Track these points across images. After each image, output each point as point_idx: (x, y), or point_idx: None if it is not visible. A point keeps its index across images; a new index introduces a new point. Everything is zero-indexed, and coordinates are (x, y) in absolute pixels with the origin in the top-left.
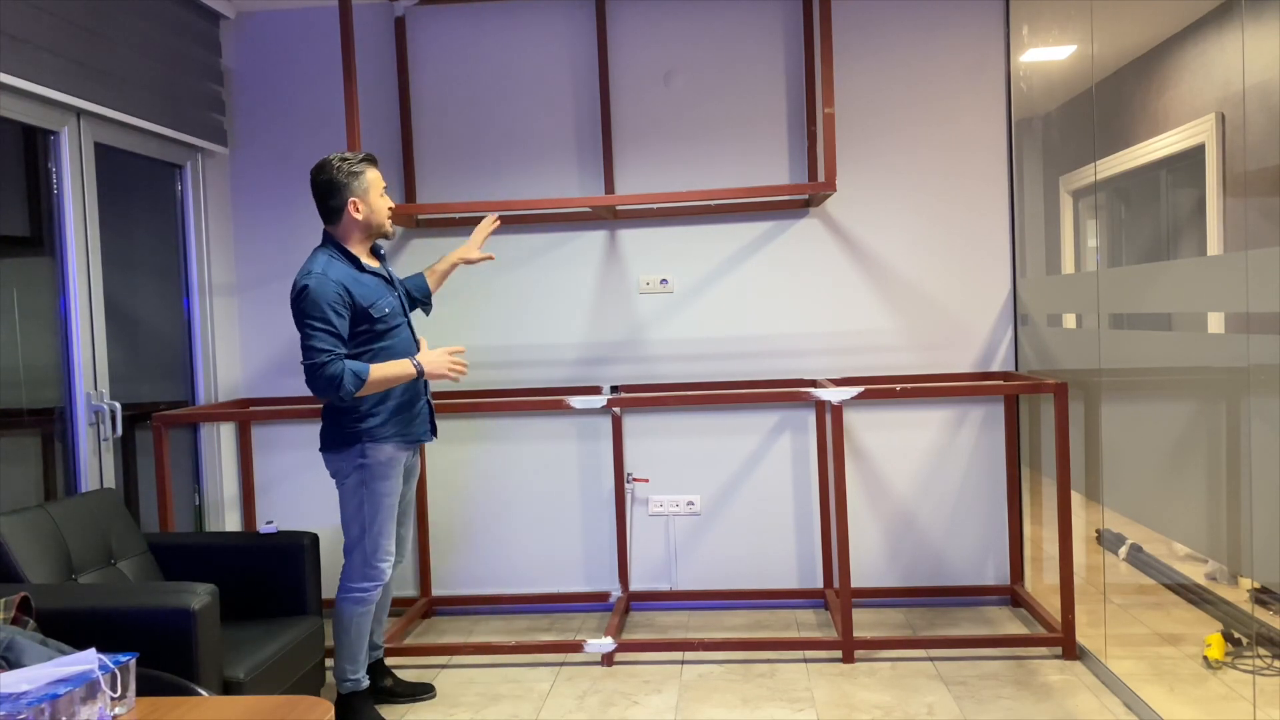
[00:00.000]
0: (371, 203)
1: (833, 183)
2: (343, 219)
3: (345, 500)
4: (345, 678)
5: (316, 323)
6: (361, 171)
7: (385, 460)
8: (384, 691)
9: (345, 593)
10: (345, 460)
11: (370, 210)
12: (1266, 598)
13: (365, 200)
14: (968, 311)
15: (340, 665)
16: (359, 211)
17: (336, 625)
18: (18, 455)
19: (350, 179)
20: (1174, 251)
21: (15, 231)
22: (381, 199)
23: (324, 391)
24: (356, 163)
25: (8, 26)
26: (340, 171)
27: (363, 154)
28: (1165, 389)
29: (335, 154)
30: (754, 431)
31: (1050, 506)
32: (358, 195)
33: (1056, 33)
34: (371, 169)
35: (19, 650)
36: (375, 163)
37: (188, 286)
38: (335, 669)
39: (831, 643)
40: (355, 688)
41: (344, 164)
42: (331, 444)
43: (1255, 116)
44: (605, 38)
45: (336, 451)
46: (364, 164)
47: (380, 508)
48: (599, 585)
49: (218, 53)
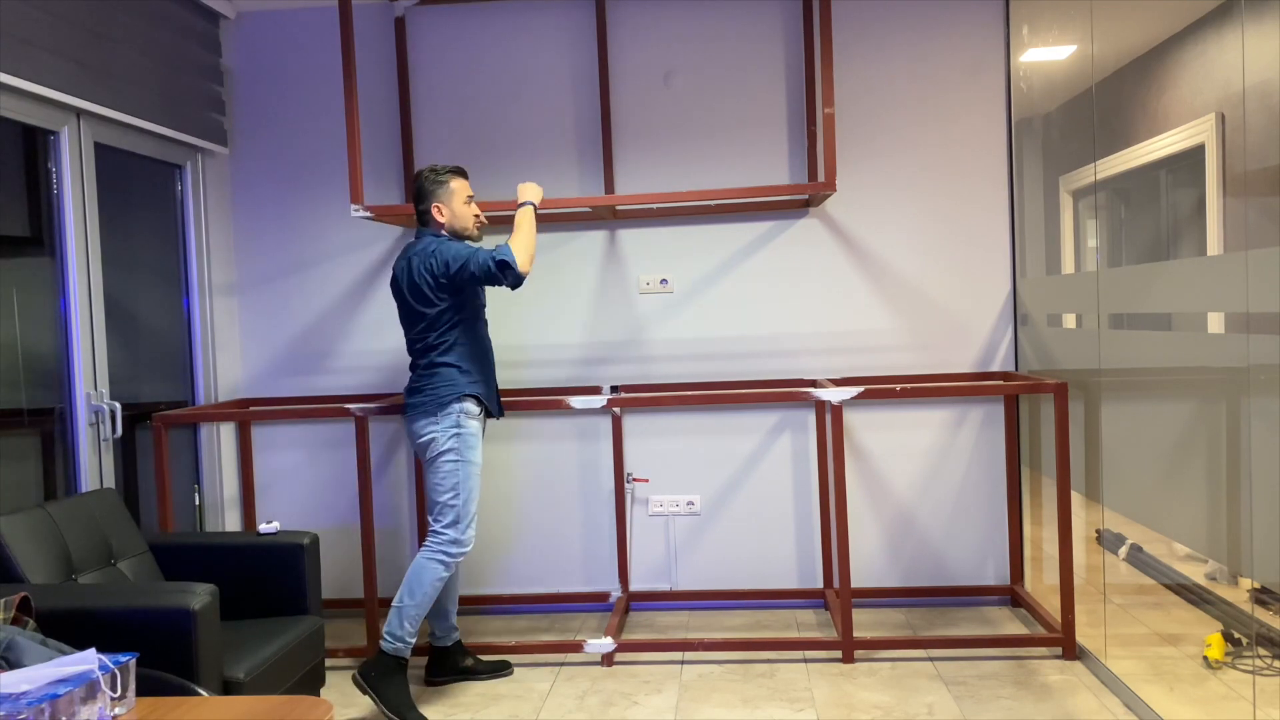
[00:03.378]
0: (455, 208)
1: (833, 183)
2: (429, 223)
3: (440, 466)
4: (400, 638)
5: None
6: (446, 180)
7: (475, 431)
8: (466, 670)
9: (432, 553)
10: (442, 429)
11: (453, 215)
12: (1266, 598)
13: (449, 205)
14: (968, 311)
15: (399, 624)
16: (443, 215)
17: (414, 583)
18: (18, 455)
19: (435, 185)
20: (1174, 251)
21: (15, 231)
22: (465, 206)
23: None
24: (444, 172)
25: (8, 26)
26: (427, 180)
27: (452, 166)
28: (1165, 389)
29: (432, 164)
30: (754, 431)
31: (1050, 506)
32: (442, 200)
33: (1056, 33)
34: (457, 179)
35: (19, 650)
36: (463, 174)
37: (188, 286)
38: (389, 627)
39: (831, 643)
40: (402, 652)
41: (432, 173)
42: (426, 415)
43: (1255, 116)
44: (605, 38)
45: (431, 421)
46: (450, 174)
47: (474, 476)
48: (599, 585)
49: (218, 53)
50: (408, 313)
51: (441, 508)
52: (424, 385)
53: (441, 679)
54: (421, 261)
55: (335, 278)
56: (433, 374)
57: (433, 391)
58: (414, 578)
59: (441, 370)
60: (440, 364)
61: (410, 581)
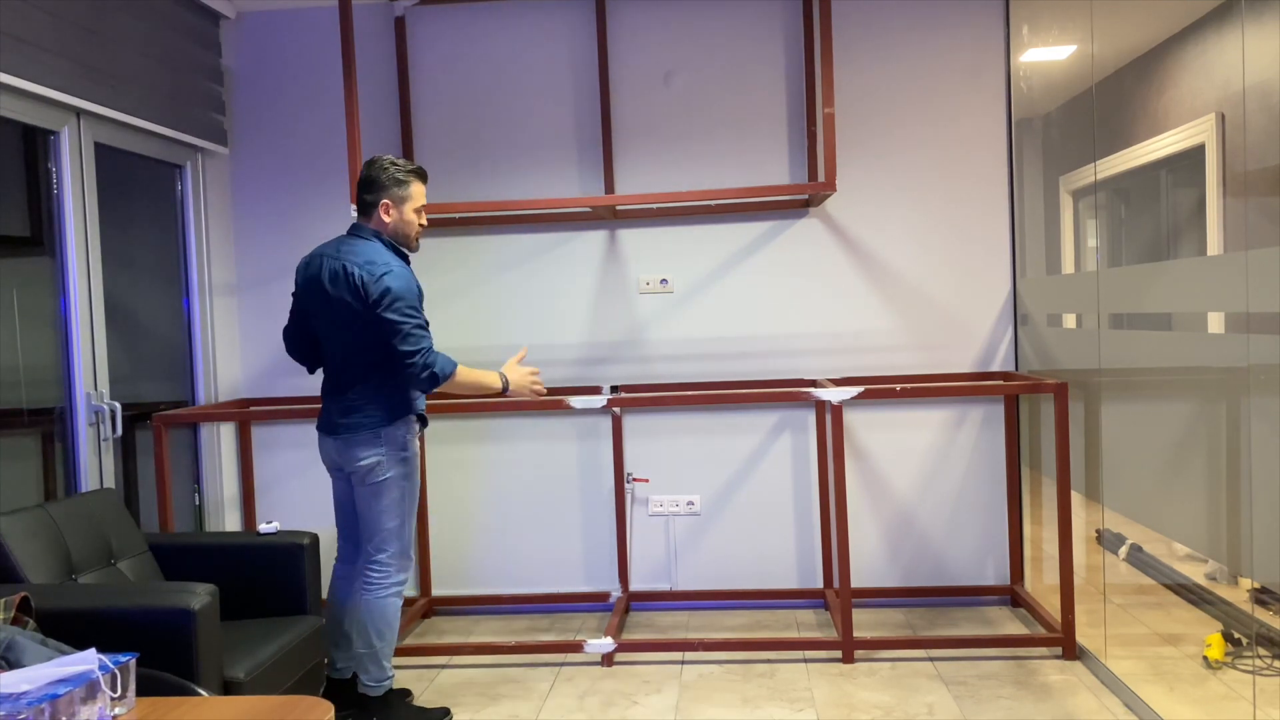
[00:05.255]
0: (404, 213)
1: (833, 183)
2: (372, 217)
3: (382, 492)
4: (382, 679)
5: (413, 313)
6: (408, 181)
7: (416, 450)
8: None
9: (386, 591)
10: (387, 452)
11: (400, 220)
12: (1266, 598)
13: (399, 208)
14: (968, 311)
15: (380, 667)
16: (388, 216)
17: (380, 625)
18: (18, 455)
19: (392, 183)
20: (1174, 251)
21: (15, 231)
22: (415, 215)
23: (424, 384)
24: (406, 171)
25: (8, 26)
26: (385, 172)
27: (415, 165)
28: (1165, 389)
29: (392, 156)
30: (754, 431)
31: (1050, 506)
32: (393, 200)
33: (1056, 33)
34: (418, 183)
35: (19, 650)
36: (425, 177)
37: (188, 286)
38: (370, 674)
39: (831, 643)
40: (389, 686)
41: (393, 166)
42: (370, 437)
43: (1255, 116)
44: (605, 38)
45: (376, 444)
46: (412, 174)
47: (415, 499)
48: (599, 585)
49: (218, 53)
50: (339, 321)
51: (385, 536)
52: (364, 405)
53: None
54: (368, 277)
55: None
56: (376, 392)
57: (376, 412)
58: (375, 620)
59: (386, 392)
60: (384, 385)
61: (373, 625)
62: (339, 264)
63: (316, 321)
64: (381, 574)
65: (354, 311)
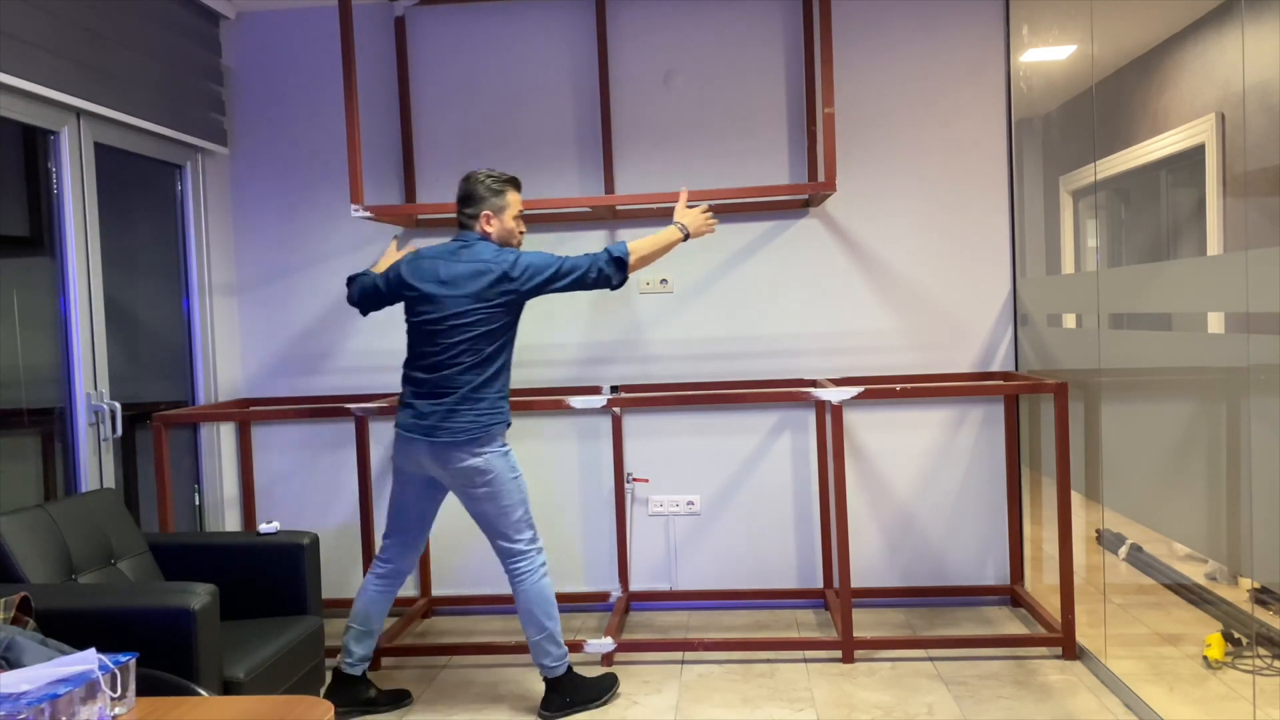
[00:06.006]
0: (505, 222)
1: (833, 183)
2: (475, 228)
3: (499, 490)
4: (560, 658)
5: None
6: (504, 191)
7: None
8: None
9: (537, 575)
10: (493, 452)
11: (502, 229)
12: (1266, 598)
13: (500, 218)
14: (968, 311)
15: (558, 646)
16: (490, 226)
17: (546, 607)
18: (18, 455)
19: (490, 194)
20: (1174, 251)
21: (15, 231)
22: (515, 222)
23: (616, 277)
24: (502, 181)
25: (8, 26)
26: (483, 185)
27: (509, 175)
28: (1165, 389)
29: (485, 168)
30: (754, 431)
31: (1050, 506)
32: (494, 211)
33: (1056, 33)
34: (514, 191)
35: (19, 650)
36: (519, 186)
37: (188, 286)
38: (551, 655)
39: (831, 643)
40: (565, 664)
41: (490, 179)
42: (476, 441)
43: (1255, 116)
44: (605, 38)
45: (481, 445)
46: (508, 184)
47: (525, 485)
48: (599, 585)
49: (218, 53)
50: (455, 326)
51: (516, 526)
52: (471, 409)
53: (342, 710)
54: (499, 269)
55: (335, 278)
56: (481, 398)
57: (481, 416)
58: (541, 604)
59: (492, 395)
60: (490, 386)
61: (538, 610)
62: (456, 265)
63: (422, 318)
64: (526, 562)
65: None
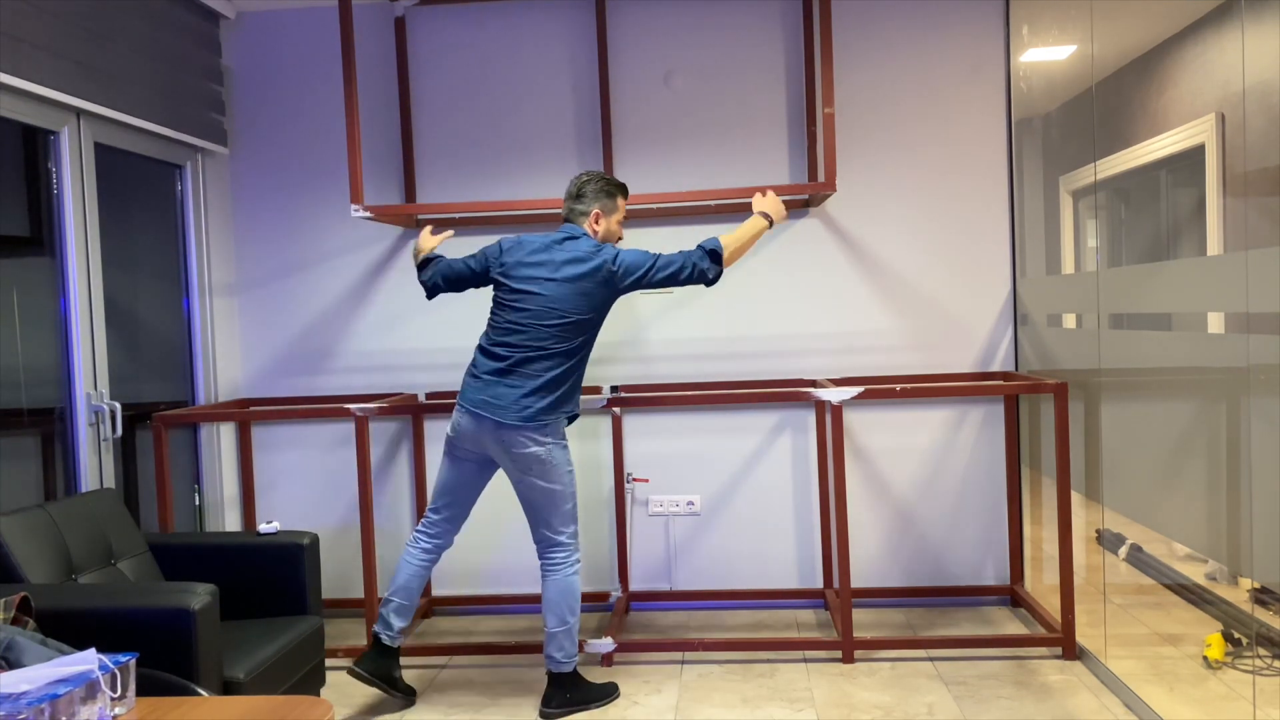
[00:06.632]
0: (611, 226)
1: (833, 183)
2: (584, 224)
3: (555, 479)
4: (575, 653)
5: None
6: (616, 195)
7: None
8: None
9: (570, 569)
10: (556, 443)
11: (608, 231)
12: (1266, 598)
13: (608, 219)
14: (968, 311)
15: (573, 643)
16: (598, 225)
17: (571, 602)
18: (18, 455)
19: (604, 195)
20: (1174, 251)
21: (15, 231)
22: (618, 227)
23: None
24: (616, 186)
25: (8, 26)
26: (598, 184)
27: (621, 182)
28: (1165, 389)
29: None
30: (754, 431)
31: (1050, 506)
32: (604, 211)
33: (1056, 33)
34: (623, 198)
35: (19, 650)
36: (627, 194)
37: (188, 286)
38: (564, 650)
39: (831, 643)
40: (575, 661)
41: (604, 181)
42: (545, 430)
43: (1255, 116)
44: (605, 38)
45: (548, 433)
46: (620, 190)
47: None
48: (599, 585)
49: (218, 53)
50: (550, 311)
51: (563, 518)
52: (546, 396)
53: (365, 677)
54: (601, 261)
55: (335, 278)
56: (559, 387)
57: (555, 404)
58: (567, 598)
59: (568, 386)
60: (569, 377)
61: (565, 603)
62: (568, 254)
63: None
64: (564, 554)
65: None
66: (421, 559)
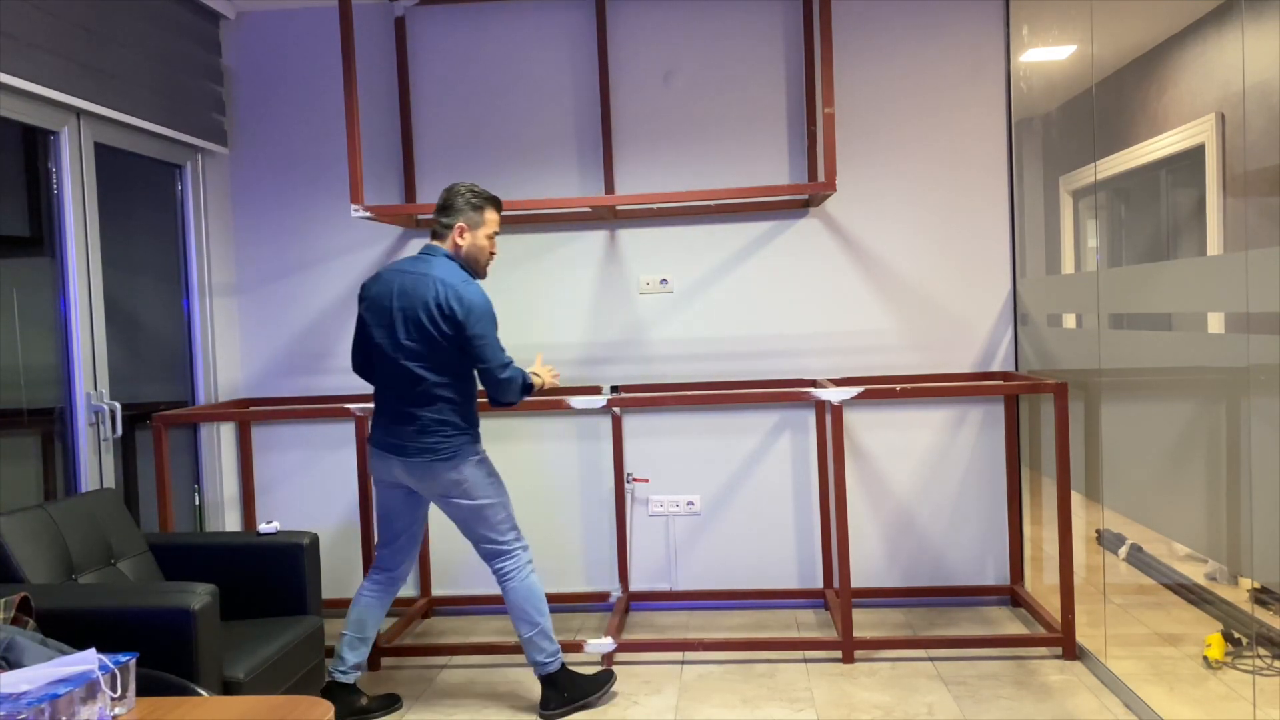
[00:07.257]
0: (478, 239)
1: (833, 183)
2: (446, 240)
3: (482, 494)
4: (553, 653)
5: (495, 335)
6: (484, 207)
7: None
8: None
9: (523, 573)
10: (467, 463)
11: (474, 245)
12: (1266, 598)
13: (474, 232)
14: (968, 311)
15: (550, 641)
16: (463, 239)
17: (536, 603)
18: (18, 455)
19: (469, 207)
20: (1174, 251)
21: (15, 231)
22: (488, 241)
23: (513, 396)
24: (484, 198)
25: (8, 26)
26: (464, 196)
27: (492, 194)
28: (1165, 389)
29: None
30: (754, 431)
31: (1050, 506)
32: (470, 224)
33: (1056, 33)
34: (493, 210)
35: (19, 650)
36: (500, 206)
37: (188, 286)
38: (544, 652)
39: (831, 643)
40: (559, 660)
41: (471, 193)
42: (451, 456)
43: (1255, 116)
44: (605, 38)
45: (458, 457)
46: (489, 202)
47: (501, 481)
48: (599, 585)
49: (218, 53)
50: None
51: (498, 528)
52: (440, 425)
53: None
54: (452, 298)
55: (335, 278)
56: (452, 411)
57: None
58: (528, 600)
59: (454, 415)
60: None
61: (528, 606)
62: (422, 282)
63: (381, 340)
64: (512, 561)
65: (435, 330)
66: (373, 591)
